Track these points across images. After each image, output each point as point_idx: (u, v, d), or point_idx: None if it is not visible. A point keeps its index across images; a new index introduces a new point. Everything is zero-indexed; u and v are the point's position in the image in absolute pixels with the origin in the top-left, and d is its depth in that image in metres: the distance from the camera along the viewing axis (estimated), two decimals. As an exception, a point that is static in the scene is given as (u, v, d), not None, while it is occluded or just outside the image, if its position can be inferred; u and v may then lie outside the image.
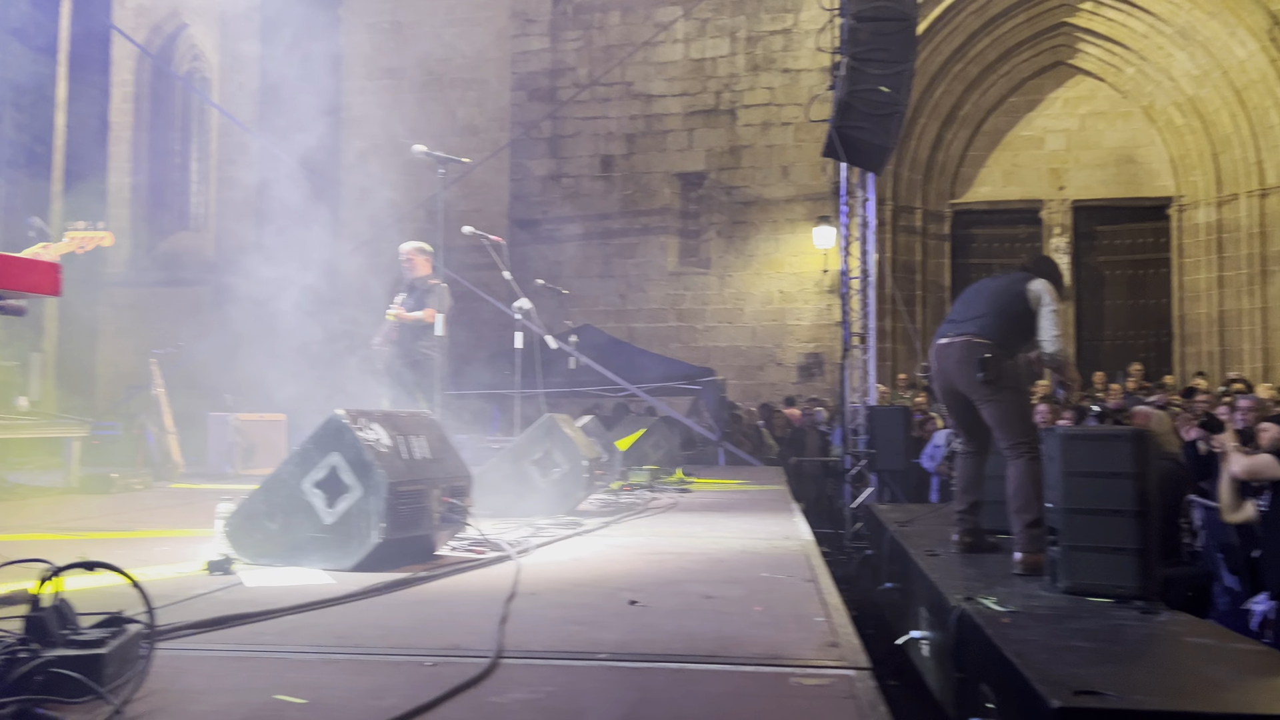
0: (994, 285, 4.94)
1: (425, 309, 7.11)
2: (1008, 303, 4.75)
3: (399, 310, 7.27)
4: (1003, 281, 4.93)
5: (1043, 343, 4.71)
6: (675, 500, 6.32)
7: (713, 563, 3.65)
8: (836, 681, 1.98)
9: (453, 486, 3.65)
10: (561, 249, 17.22)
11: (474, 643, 2.26)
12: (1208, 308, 15.63)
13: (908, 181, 16.44)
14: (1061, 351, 4.74)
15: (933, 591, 4.39)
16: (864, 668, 2.09)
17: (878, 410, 9.88)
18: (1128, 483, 3.91)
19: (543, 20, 17.66)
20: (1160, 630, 3.46)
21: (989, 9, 16.01)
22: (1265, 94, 14.79)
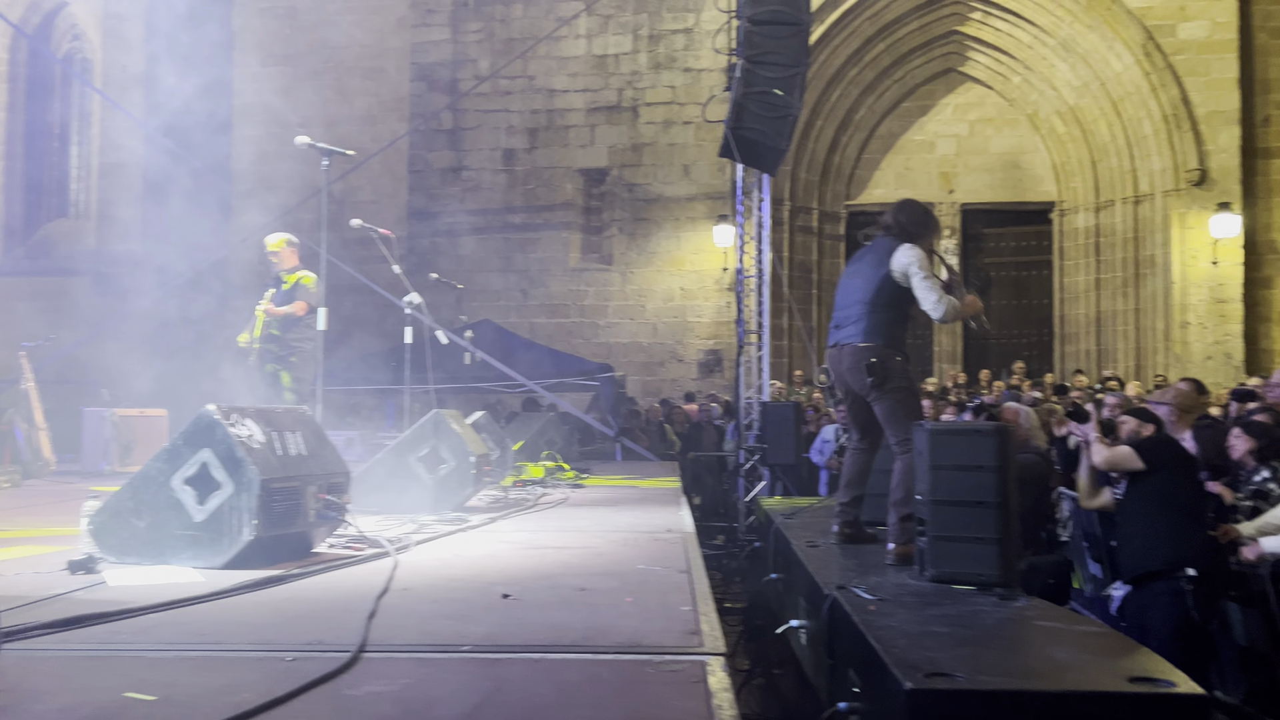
0: (861, 269, 4.85)
1: (295, 302, 6.98)
2: (877, 292, 4.69)
3: (267, 305, 7.11)
4: (868, 261, 4.84)
5: (930, 312, 4.62)
6: (567, 496, 6.35)
7: (592, 556, 3.71)
8: (691, 667, 2.05)
9: (330, 483, 3.62)
10: (462, 243, 17.08)
11: (337, 638, 2.27)
12: (1086, 308, 16.36)
13: (805, 183, 16.79)
14: (949, 309, 4.60)
15: (809, 581, 4.52)
16: (720, 654, 2.16)
17: (770, 406, 10.08)
18: (990, 476, 4.09)
19: (443, 11, 17.47)
20: (1015, 615, 3.64)
21: (884, 15, 16.44)
22: (1139, 105, 15.54)
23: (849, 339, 4.82)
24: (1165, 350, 15.29)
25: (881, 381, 4.69)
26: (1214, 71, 15.04)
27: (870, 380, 4.71)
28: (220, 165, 15.91)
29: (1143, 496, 5.18)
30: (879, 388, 4.72)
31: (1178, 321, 15.11)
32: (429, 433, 5.14)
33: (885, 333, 4.76)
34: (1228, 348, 14.87)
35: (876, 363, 4.66)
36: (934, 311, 4.58)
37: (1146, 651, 3.24)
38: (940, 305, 4.55)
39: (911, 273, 4.59)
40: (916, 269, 4.58)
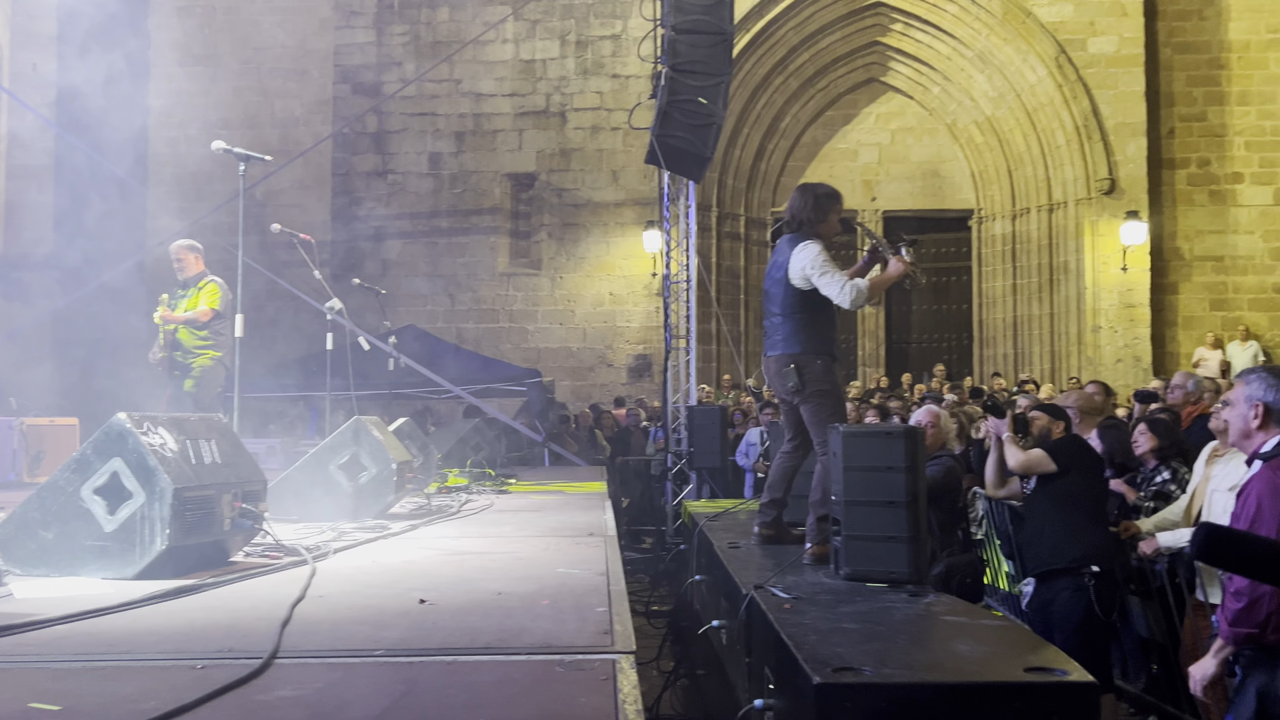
0: (773, 281, 4.87)
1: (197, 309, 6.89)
2: (787, 300, 4.74)
3: (163, 312, 7.00)
4: (779, 266, 4.81)
5: (838, 303, 4.60)
6: (492, 502, 6.35)
7: (512, 560, 3.74)
8: (601, 666, 2.10)
9: (246, 491, 3.59)
10: (387, 247, 16.93)
11: (249, 645, 2.27)
12: (1003, 313, 16.84)
13: (732, 189, 16.99)
14: (857, 294, 4.53)
15: (729, 582, 4.62)
16: (630, 652, 2.21)
17: (696, 410, 10.19)
18: (900, 476, 4.23)
19: (367, 13, 17.30)
20: (923, 611, 3.77)
21: (808, 25, 16.73)
22: (1053, 116, 16.07)
23: (772, 349, 4.92)
24: (1079, 353, 15.82)
25: (801, 387, 4.78)
26: (1122, 85, 15.62)
27: (790, 386, 4.81)
28: (135, 168, 15.52)
29: (1050, 496, 5.38)
30: (799, 393, 4.82)
31: (1090, 325, 15.65)
32: (349, 440, 5.11)
33: (804, 336, 4.80)
34: (1136, 351, 15.44)
35: (793, 369, 4.75)
36: (842, 301, 4.55)
37: (1044, 643, 3.39)
38: (846, 293, 4.52)
39: (809, 274, 4.61)
40: (812, 269, 4.59)
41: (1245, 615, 2.85)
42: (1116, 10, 15.66)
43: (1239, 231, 15.84)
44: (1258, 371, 3.20)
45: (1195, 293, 15.95)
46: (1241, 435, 3.18)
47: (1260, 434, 3.10)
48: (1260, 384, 3.11)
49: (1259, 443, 3.11)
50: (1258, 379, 3.15)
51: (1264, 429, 3.09)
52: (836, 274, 4.59)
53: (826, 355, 4.84)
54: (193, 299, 7.06)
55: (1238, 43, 15.87)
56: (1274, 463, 2.97)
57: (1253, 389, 3.12)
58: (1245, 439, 3.17)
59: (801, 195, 4.83)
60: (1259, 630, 2.83)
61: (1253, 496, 2.92)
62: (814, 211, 4.73)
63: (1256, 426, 3.10)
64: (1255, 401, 3.10)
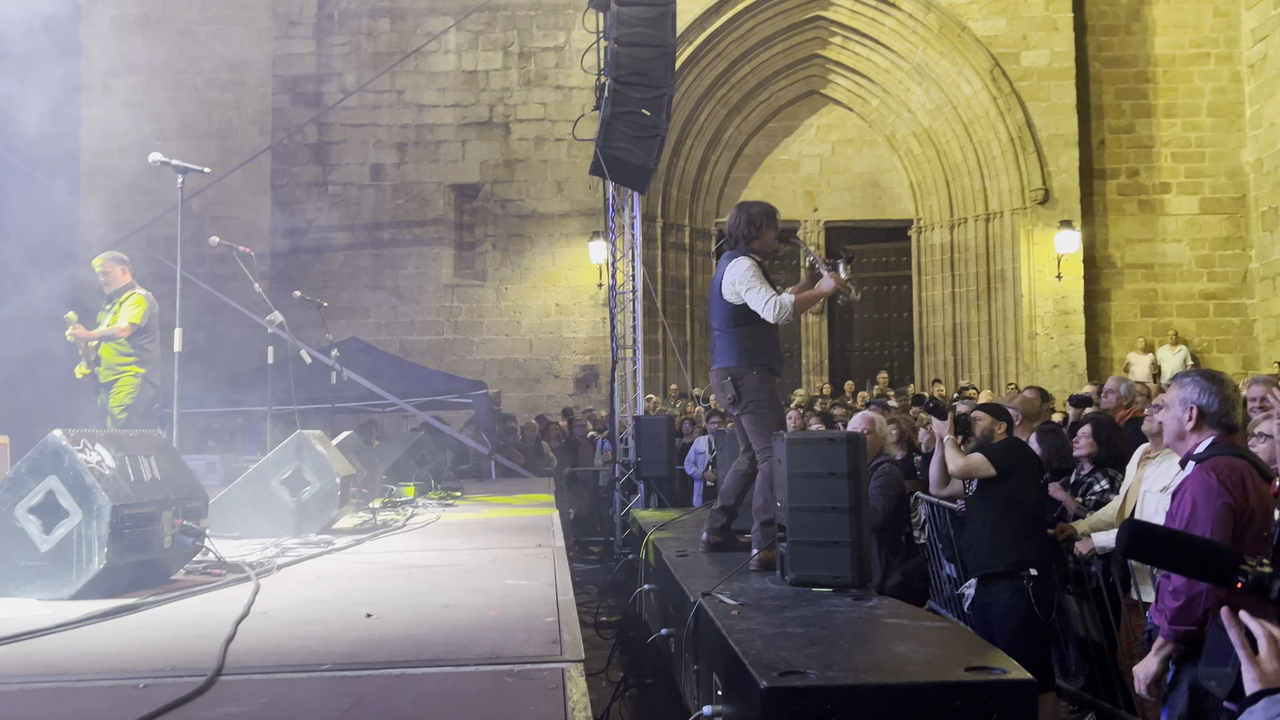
0: (713, 296, 5.00)
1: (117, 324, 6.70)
2: (724, 315, 4.87)
3: (74, 330, 6.74)
4: (715, 285, 4.94)
5: (764, 316, 4.68)
6: (438, 515, 6.31)
7: (460, 573, 3.73)
8: (550, 675, 2.11)
9: (186, 508, 3.54)
10: (329, 259, 16.74)
11: (193, 663, 2.24)
12: (943, 320, 17.14)
13: (676, 200, 17.10)
14: (782, 311, 4.64)
15: (677, 590, 4.64)
16: (579, 660, 2.23)
17: (643, 420, 10.22)
18: (843, 482, 4.30)
19: (307, 23, 17.13)
20: (866, 614, 3.83)
21: (749, 38, 16.92)
22: (988, 128, 16.43)
23: (714, 363, 5.03)
24: (1016, 359, 16.15)
25: (738, 399, 4.89)
26: (1054, 97, 16.03)
27: (729, 398, 4.91)
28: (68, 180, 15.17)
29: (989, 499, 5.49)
30: (737, 404, 4.92)
31: (1027, 332, 15.99)
32: (292, 454, 5.05)
33: (741, 349, 4.91)
34: (1072, 356, 15.81)
35: (730, 382, 4.86)
36: (767, 316, 4.67)
37: (984, 643, 3.47)
38: (771, 308, 4.65)
39: (739, 289, 4.73)
40: (741, 284, 4.72)
41: (1183, 613, 2.92)
42: (1048, 25, 16.08)
43: (1167, 240, 16.32)
44: (1191, 375, 3.26)
45: (1127, 299, 16.39)
46: (1176, 437, 3.24)
47: (1194, 436, 3.16)
48: (1194, 387, 3.17)
49: (1193, 444, 3.17)
50: (1191, 382, 3.20)
51: (1198, 431, 3.15)
52: (763, 289, 4.70)
53: (763, 368, 4.94)
54: (115, 314, 6.85)
55: (1163, 57, 16.39)
56: (1208, 464, 3.03)
57: (1187, 392, 3.18)
58: (1180, 441, 3.23)
59: (737, 213, 4.96)
60: (1197, 627, 2.89)
61: (1187, 497, 2.99)
62: (748, 228, 4.86)
63: (1191, 428, 3.16)
64: (1189, 404, 3.16)
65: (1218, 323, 16.19)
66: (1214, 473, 2.96)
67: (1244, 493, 2.89)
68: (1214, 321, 16.20)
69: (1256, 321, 16.05)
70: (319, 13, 17.25)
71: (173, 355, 5.62)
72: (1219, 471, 2.95)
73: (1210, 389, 3.14)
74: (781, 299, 4.67)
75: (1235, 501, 2.88)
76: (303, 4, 17.34)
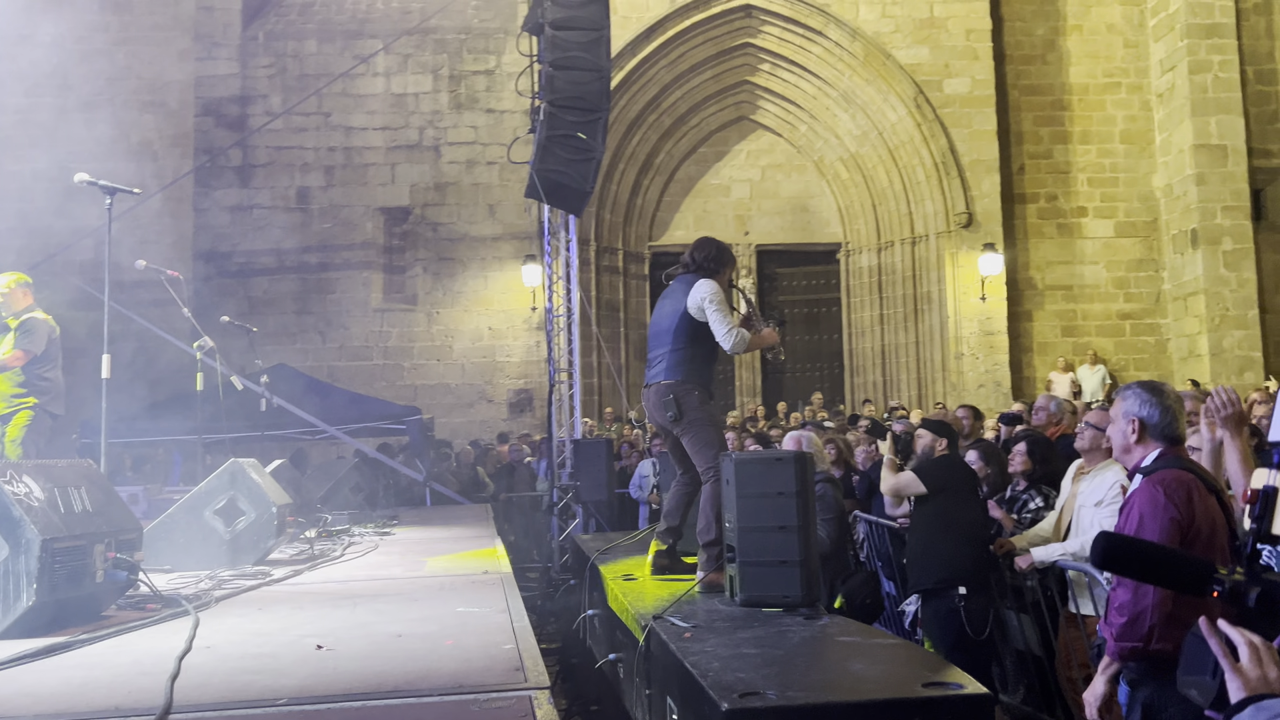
0: (668, 309, 5.06)
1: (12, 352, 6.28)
2: (678, 330, 4.93)
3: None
4: (674, 299, 5.02)
5: (721, 343, 4.86)
6: (376, 544, 6.17)
7: (407, 602, 3.63)
8: (517, 702, 2.06)
9: (119, 540, 3.39)
10: (253, 284, 16.38)
11: (138, 702, 2.14)
12: (872, 342, 17.42)
13: (609, 224, 17.12)
14: (738, 340, 4.84)
15: (626, 613, 4.60)
16: (545, 687, 2.18)
17: (582, 443, 10.16)
18: (791, 501, 4.31)
19: (230, 44, 16.82)
20: (819, 633, 3.84)
21: (680, 64, 17.08)
22: (913, 154, 16.81)
23: (654, 378, 5.03)
24: (944, 379, 16.48)
25: (679, 416, 4.90)
26: (976, 124, 16.48)
27: (670, 415, 4.92)
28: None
29: (925, 517, 5.57)
30: (677, 422, 4.94)
31: (953, 353, 16.33)
32: (226, 483, 4.89)
33: (687, 369, 4.97)
34: (997, 376, 16.19)
35: (672, 399, 4.88)
36: (724, 341, 4.84)
37: (937, 658, 3.51)
38: (730, 335, 4.81)
39: (705, 306, 4.85)
40: (709, 302, 4.84)
41: (1129, 630, 2.89)
42: (969, 54, 16.55)
43: (1085, 262, 16.85)
44: (1133, 387, 3.23)
45: (1048, 320, 16.86)
46: (1122, 450, 3.21)
47: (1139, 448, 3.14)
48: (1135, 399, 3.15)
49: (1139, 457, 3.14)
50: (1133, 394, 3.18)
51: (1142, 443, 3.13)
52: (729, 315, 4.89)
53: (703, 389, 5.03)
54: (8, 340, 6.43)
55: (1078, 86, 16.98)
56: (1154, 477, 3.01)
57: (1129, 404, 3.16)
58: (1125, 454, 3.21)
59: (707, 244, 5.14)
60: (1143, 643, 2.87)
61: (1135, 510, 2.98)
62: (715, 261, 5.03)
63: (1134, 441, 3.13)
64: (1132, 417, 3.13)
65: (1134, 342, 16.74)
66: (1160, 487, 2.95)
67: (1190, 506, 2.89)
68: (1130, 341, 16.75)
69: (1170, 340, 16.64)
70: (243, 34, 16.96)
71: (100, 382, 5.39)
72: (1165, 485, 2.94)
73: (1150, 400, 3.12)
74: (741, 330, 4.86)
75: (1181, 516, 2.87)
76: (226, 25, 17.03)
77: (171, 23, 16.89)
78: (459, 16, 16.85)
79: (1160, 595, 2.84)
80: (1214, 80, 15.89)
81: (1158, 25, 16.68)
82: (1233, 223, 15.72)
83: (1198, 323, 15.85)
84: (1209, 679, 1.41)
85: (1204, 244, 15.68)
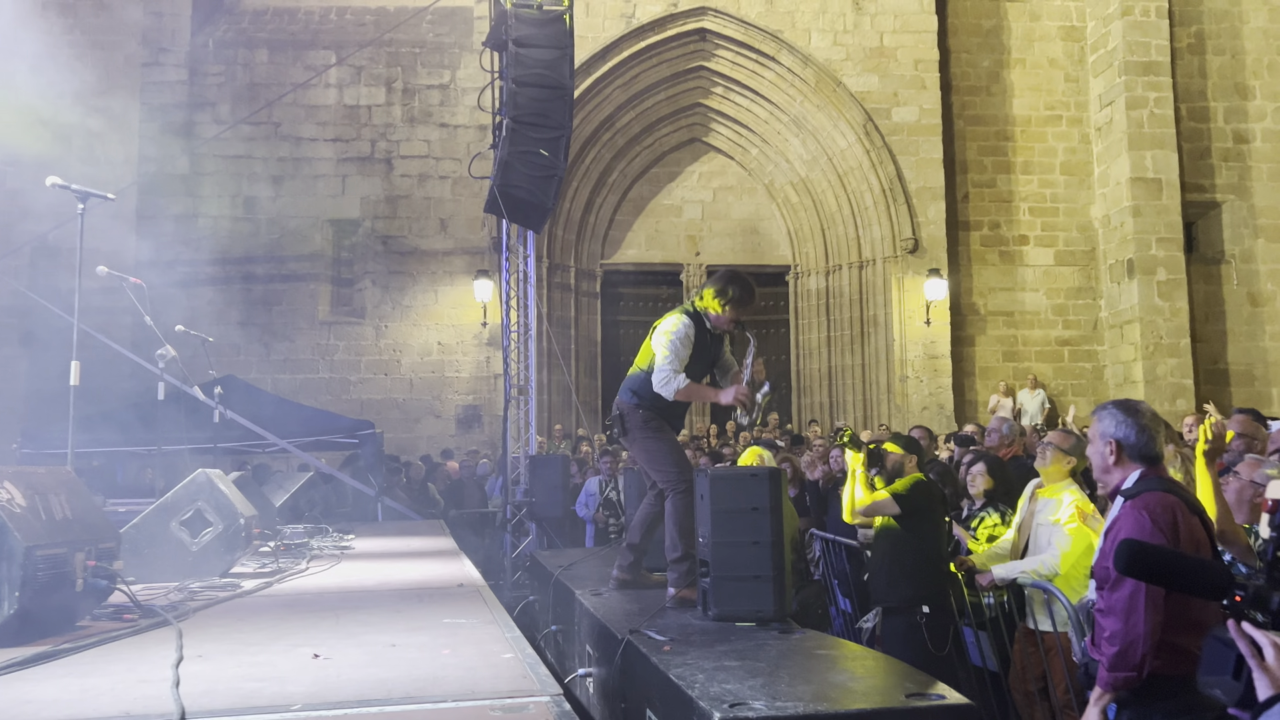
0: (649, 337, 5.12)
1: None
2: (647, 352, 5.02)
3: None
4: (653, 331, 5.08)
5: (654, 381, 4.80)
6: (338, 557, 6.11)
7: (390, 613, 3.62)
8: (537, 708, 2.08)
9: (99, 549, 3.33)
10: (196, 293, 16.05)
11: (147, 708, 2.11)
12: (819, 363, 17.66)
13: (562, 241, 17.16)
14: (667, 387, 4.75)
15: (599, 628, 4.61)
16: (559, 694, 2.20)
17: (538, 459, 10.14)
18: (765, 517, 4.38)
19: (179, 51, 16.57)
20: (795, 646, 3.90)
21: (634, 85, 17.23)
22: (861, 180, 17.14)
23: (620, 397, 5.10)
24: (889, 401, 16.76)
25: (624, 432, 4.97)
26: (923, 152, 16.87)
27: (616, 432, 4.99)
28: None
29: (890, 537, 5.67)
30: (625, 437, 5.00)
31: (898, 375, 16.63)
32: (194, 494, 4.82)
33: (639, 391, 4.99)
34: (940, 399, 16.52)
35: (618, 415, 4.95)
36: (656, 379, 4.78)
37: (915, 671, 3.58)
38: (662, 376, 4.76)
39: (659, 343, 4.83)
40: (663, 340, 4.82)
41: (1121, 659, 2.90)
42: (917, 83, 16.96)
43: (1026, 289, 17.30)
44: (1108, 408, 3.19)
45: (989, 345, 17.26)
46: (1102, 471, 3.20)
47: (1118, 470, 3.12)
48: (1111, 420, 3.13)
49: (1118, 479, 3.13)
50: (1109, 415, 3.15)
51: (1120, 465, 3.11)
52: (674, 357, 4.78)
53: (655, 412, 5.01)
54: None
55: (1021, 118, 17.49)
56: (1139, 501, 3.00)
57: (1104, 426, 3.13)
58: (1105, 474, 3.18)
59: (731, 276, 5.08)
60: (1136, 673, 2.88)
61: (1122, 535, 2.92)
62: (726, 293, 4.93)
63: (1113, 462, 3.12)
64: (1109, 439, 3.11)
65: (1072, 368, 17.22)
66: (1146, 512, 2.94)
67: (1175, 530, 2.90)
68: (1068, 366, 17.23)
69: (1106, 367, 17.14)
70: (192, 41, 16.74)
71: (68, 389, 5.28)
72: (1151, 511, 2.94)
73: (1126, 421, 3.10)
74: (678, 378, 4.76)
75: (1168, 541, 2.87)
76: (174, 32, 16.79)
77: (119, 26, 16.59)
78: (414, 30, 16.80)
79: (1151, 624, 2.86)
80: (1150, 116, 16.48)
81: (1097, 61, 17.27)
82: (1167, 254, 16.29)
83: (1133, 350, 16.36)
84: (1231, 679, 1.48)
85: (1140, 274, 16.21)
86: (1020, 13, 17.61)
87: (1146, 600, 2.83)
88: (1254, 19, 17.28)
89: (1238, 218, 17.05)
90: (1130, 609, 2.86)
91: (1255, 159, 17.11)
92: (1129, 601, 2.87)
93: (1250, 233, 17.02)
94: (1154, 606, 2.84)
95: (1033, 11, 17.63)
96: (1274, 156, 17.13)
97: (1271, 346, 16.85)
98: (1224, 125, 17.16)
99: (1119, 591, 2.91)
